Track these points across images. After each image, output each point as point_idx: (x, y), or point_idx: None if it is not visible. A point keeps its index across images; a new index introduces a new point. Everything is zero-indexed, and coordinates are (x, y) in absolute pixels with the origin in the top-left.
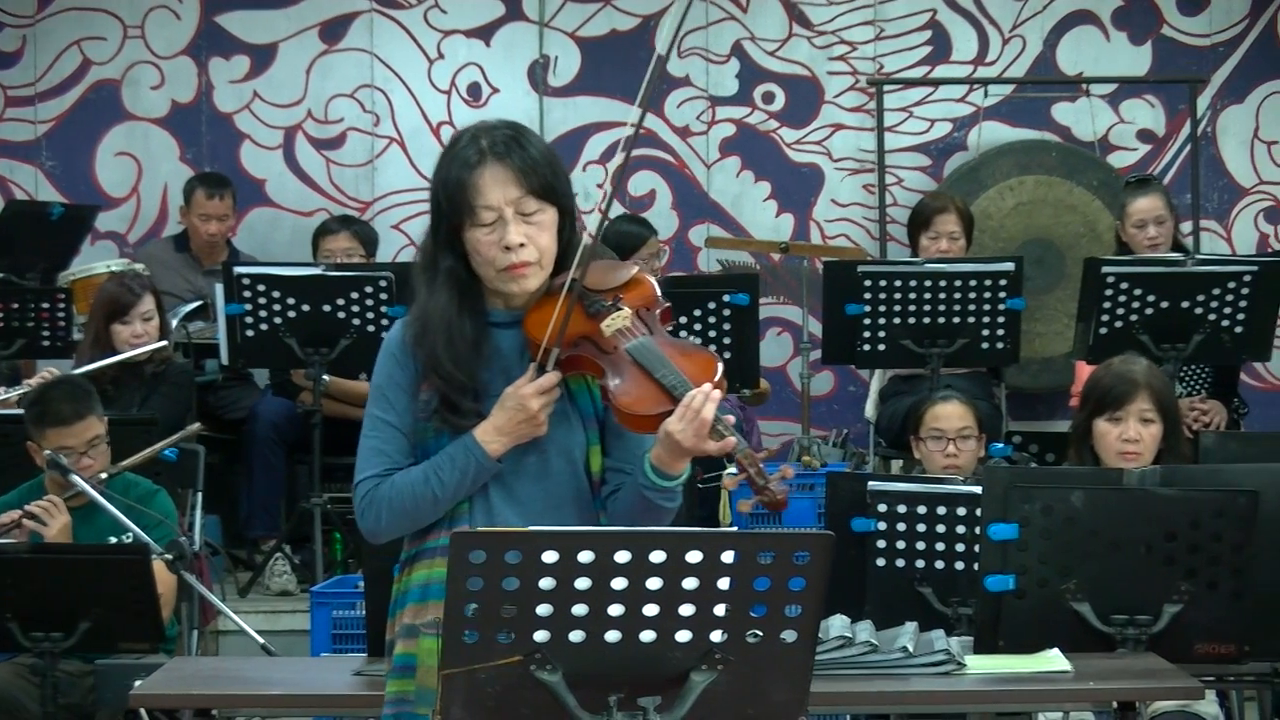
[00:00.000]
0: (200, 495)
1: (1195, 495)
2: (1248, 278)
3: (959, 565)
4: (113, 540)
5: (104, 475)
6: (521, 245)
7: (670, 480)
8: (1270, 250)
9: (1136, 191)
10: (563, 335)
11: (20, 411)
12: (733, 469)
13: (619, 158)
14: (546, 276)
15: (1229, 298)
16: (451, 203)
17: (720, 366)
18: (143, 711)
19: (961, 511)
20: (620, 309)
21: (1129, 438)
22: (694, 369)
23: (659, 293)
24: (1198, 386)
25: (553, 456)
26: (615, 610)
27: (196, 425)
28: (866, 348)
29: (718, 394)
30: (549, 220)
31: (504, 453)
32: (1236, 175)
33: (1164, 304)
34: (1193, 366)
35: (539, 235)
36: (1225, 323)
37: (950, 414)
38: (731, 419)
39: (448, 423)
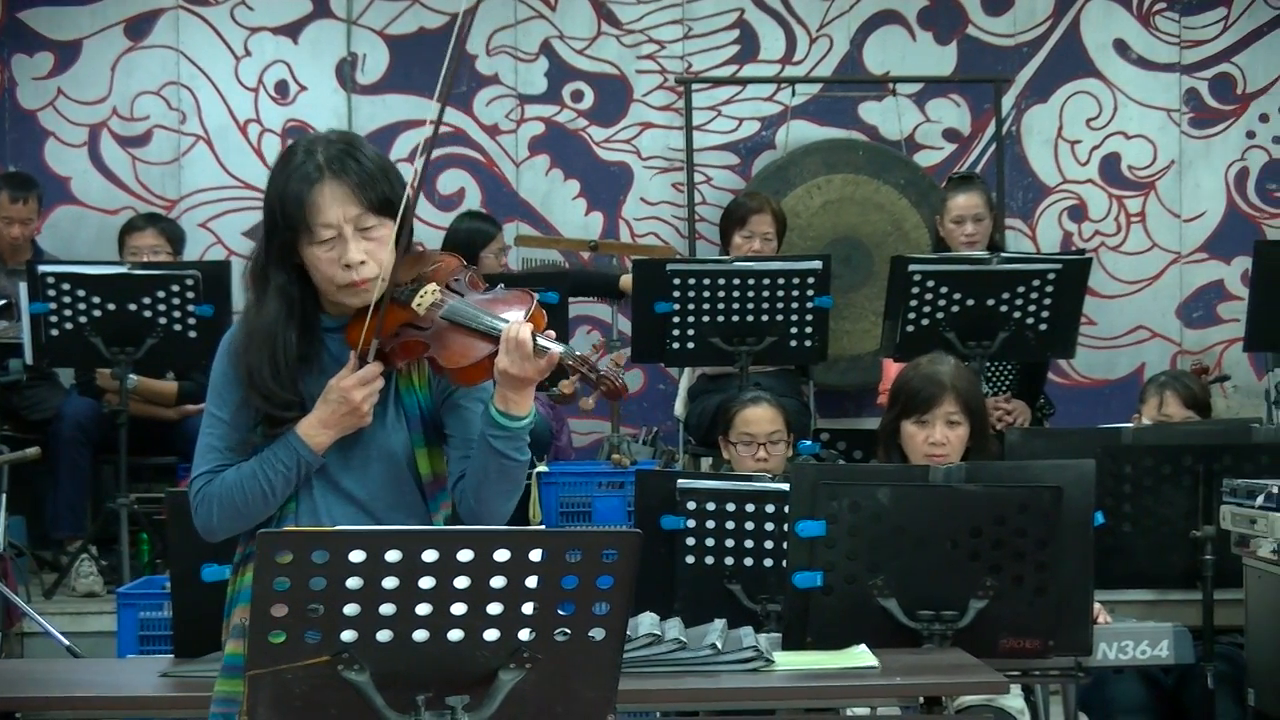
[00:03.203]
0: (4, 496)
1: (1000, 491)
2: (1052, 276)
3: (768, 562)
4: None
5: None
6: (362, 263)
7: (518, 420)
8: (1074, 248)
9: (957, 188)
10: (381, 327)
11: None
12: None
13: (419, 162)
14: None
15: (1034, 295)
16: (288, 218)
17: (534, 299)
18: None
19: (770, 509)
20: (425, 285)
21: (935, 441)
22: (509, 310)
23: (463, 262)
24: (1003, 385)
25: (375, 456)
26: (423, 609)
27: (35, 449)
28: (676, 346)
29: (528, 325)
30: (387, 234)
31: (328, 446)
32: (1041, 174)
33: (970, 302)
34: (999, 365)
35: (378, 250)
36: (1030, 320)
37: (760, 418)
38: (553, 333)
39: (270, 437)
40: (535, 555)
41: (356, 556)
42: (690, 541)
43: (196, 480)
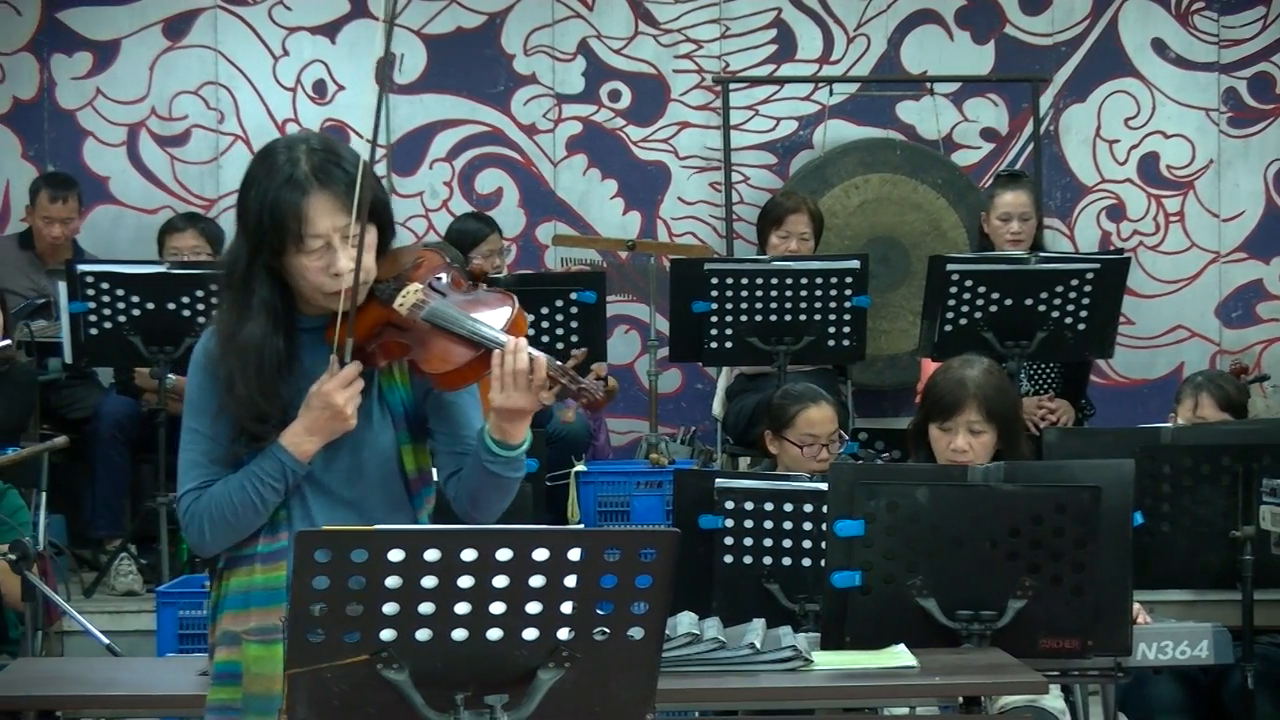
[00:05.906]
0: (44, 495)
1: (1038, 491)
2: (1090, 275)
3: (806, 562)
4: None
5: None
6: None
7: (514, 449)
8: (1112, 248)
9: (1006, 185)
10: (352, 326)
11: None
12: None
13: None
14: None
15: (1072, 295)
16: (277, 228)
17: (515, 302)
18: None
19: (808, 508)
20: (407, 284)
21: (957, 448)
22: (491, 312)
23: (447, 260)
24: (1046, 385)
25: (365, 457)
26: (462, 608)
27: (64, 438)
28: (713, 345)
29: (523, 341)
30: (372, 240)
31: (315, 454)
32: (1079, 174)
33: (1008, 301)
34: (1042, 366)
35: (365, 257)
36: (1068, 320)
37: (824, 419)
38: (542, 357)
39: (253, 449)
40: (574, 554)
41: (396, 555)
42: (728, 541)
43: (184, 498)
